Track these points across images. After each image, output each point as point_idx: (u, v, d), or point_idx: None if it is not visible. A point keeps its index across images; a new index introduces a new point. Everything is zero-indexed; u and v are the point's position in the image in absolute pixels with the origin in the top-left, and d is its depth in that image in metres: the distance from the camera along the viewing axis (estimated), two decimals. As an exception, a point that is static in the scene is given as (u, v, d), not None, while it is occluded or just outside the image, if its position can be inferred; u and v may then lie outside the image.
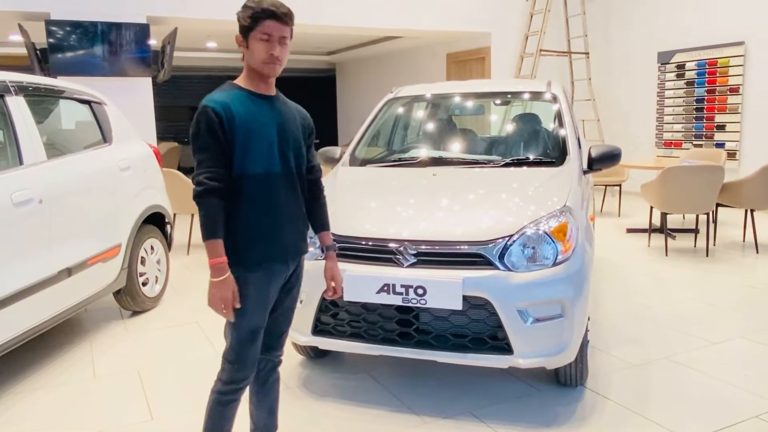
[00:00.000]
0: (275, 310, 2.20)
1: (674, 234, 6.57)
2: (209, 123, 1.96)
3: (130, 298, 4.22)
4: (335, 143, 14.82)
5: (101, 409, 2.99)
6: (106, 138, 4.16)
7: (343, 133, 15.26)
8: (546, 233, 2.72)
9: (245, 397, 2.28)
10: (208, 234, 1.96)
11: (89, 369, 3.46)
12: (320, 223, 2.32)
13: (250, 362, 2.12)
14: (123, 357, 3.63)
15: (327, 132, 15.50)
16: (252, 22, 1.98)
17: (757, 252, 5.82)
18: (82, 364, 3.52)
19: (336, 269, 2.32)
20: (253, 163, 2.02)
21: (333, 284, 2.31)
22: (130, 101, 6.91)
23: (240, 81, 2.10)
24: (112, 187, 3.96)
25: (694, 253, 5.84)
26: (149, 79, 7.36)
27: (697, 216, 6.37)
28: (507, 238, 2.70)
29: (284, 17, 1.99)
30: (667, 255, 5.80)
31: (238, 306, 2.02)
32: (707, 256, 5.73)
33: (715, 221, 6.39)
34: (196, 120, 1.97)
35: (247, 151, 2.01)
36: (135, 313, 4.38)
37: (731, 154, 8.24)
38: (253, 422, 2.37)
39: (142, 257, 4.30)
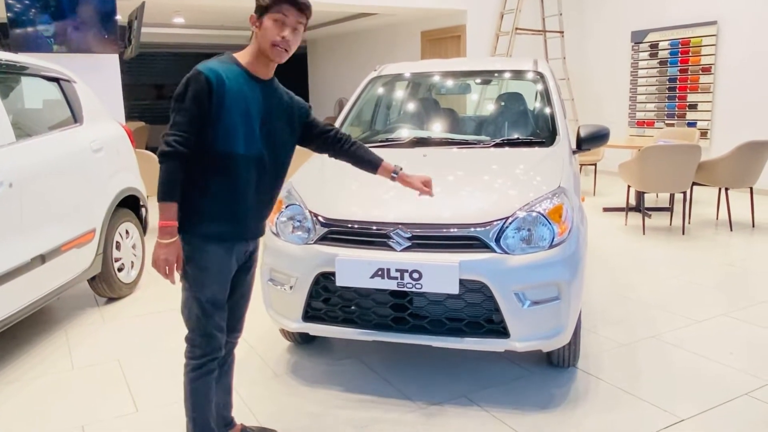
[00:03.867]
0: (235, 292, 2.22)
1: (650, 213, 6.65)
2: (198, 89, 1.96)
3: (105, 284, 4.06)
4: (307, 123, 14.54)
5: (82, 401, 2.87)
6: (76, 118, 3.96)
7: (315, 112, 14.97)
8: (542, 215, 2.68)
9: None
10: (165, 195, 1.97)
11: (66, 360, 3.32)
12: (373, 164, 2.41)
13: (217, 332, 2.13)
14: (101, 346, 3.49)
15: (298, 111, 15.21)
16: (271, 2, 2.00)
17: (731, 230, 5.93)
18: (59, 355, 3.38)
19: (415, 176, 2.44)
20: (236, 143, 2.02)
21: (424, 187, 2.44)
22: (97, 79, 6.57)
23: (241, 57, 2.09)
24: (84, 169, 3.78)
25: (670, 232, 5.92)
26: (116, 56, 7.06)
27: (672, 195, 6.45)
28: (503, 221, 2.65)
29: (303, 6, 2.02)
30: (644, 234, 5.86)
31: (179, 272, 2.03)
32: (683, 234, 5.81)
33: (690, 200, 6.48)
34: (186, 82, 1.97)
35: (232, 130, 2.01)
36: (110, 300, 4.23)
37: (703, 133, 8.35)
38: None
39: (117, 242, 4.15)
